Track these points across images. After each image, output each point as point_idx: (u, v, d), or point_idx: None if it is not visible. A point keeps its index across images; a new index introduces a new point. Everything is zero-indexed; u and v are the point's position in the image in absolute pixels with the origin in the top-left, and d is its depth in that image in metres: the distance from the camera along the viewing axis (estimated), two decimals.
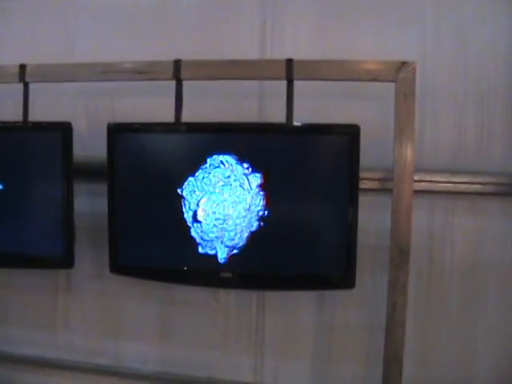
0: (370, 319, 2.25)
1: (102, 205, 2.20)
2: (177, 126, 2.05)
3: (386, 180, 2.10)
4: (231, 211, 1.99)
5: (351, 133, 1.87)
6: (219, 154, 1.98)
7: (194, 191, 2.00)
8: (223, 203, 1.99)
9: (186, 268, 2.09)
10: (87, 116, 2.39)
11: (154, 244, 2.10)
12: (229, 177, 1.98)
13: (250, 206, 1.97)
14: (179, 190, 2.01)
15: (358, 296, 2.17)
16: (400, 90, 1.83)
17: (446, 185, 2.13)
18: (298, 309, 2.32)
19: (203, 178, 1.99)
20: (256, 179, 1.96)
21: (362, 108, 2.13)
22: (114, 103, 2.35)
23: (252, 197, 1.97)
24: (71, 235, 2.15)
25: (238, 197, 1.98)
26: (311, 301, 2.30)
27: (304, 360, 2.34)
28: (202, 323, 2.40)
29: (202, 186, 2.00)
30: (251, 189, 1.96)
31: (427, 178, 2.10)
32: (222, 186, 1.99)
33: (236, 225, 1.99)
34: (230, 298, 2.37)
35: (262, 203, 1.96)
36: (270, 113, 2.23)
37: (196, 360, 2.42)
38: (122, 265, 2.14)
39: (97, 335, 2.51)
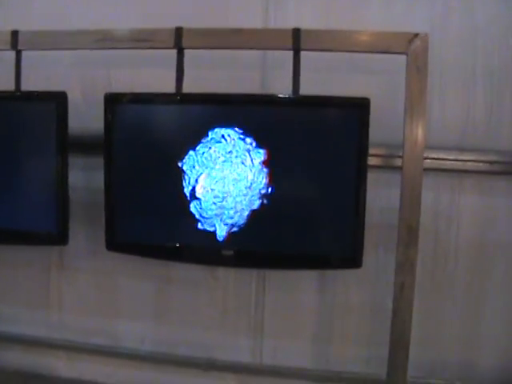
0: (372, 299, 2.22)
1: (97, 179, 2.13)
2: (178, 97, 1.97)
3: (391, 157, 2.07)
4: (231, 189, 1.92)
5: (361, 106, 1.80)
6: (221, 127, 1.90)
7: (194, 166, 1.94)
8: (223, 180, 1.93)
9: (184, 245, 2.02)
10: (83, 87, 2.29)
11: (152, 220, 2.04)
12: (230, 152, 1.91)
13: (251, 184, 1.91)
14: (180, 164, 1.94)
15: (360, 275, 2.12)
16: (412, 62, 1.76)
17: (453, 163, 2.08)
18: (299, 288, 2.27)
19: (203, 152, 1.92)
20: (259, 155, 1.89)
21: (367, 83, 2.05)
22: (110, 74, 2.26)
23: (254, 174, 1.90)
24: (65, 211, 2.08)
25: (239, 174, 1.91)
26: (313, 280, 2.26)
27: (304, 341, 2.30)
28: (200, 302, 2.35)
29: (202, 161, 1.93)
30: (253, 166, 1.90)
31: (434, 156, 2.05)
32: (223, 162, 1.92)
33: (236, 203, 1.93)
34: (230, 276, 2.32)
35: (264, 181, 1.89)
36: (272, 85, 2.15)
37: (194, 340, 2.37)
38: (119, 242, 2.07)
39: (92, 314, 2.44)
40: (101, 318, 2.43)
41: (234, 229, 1.94)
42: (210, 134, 1.91)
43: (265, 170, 1.89)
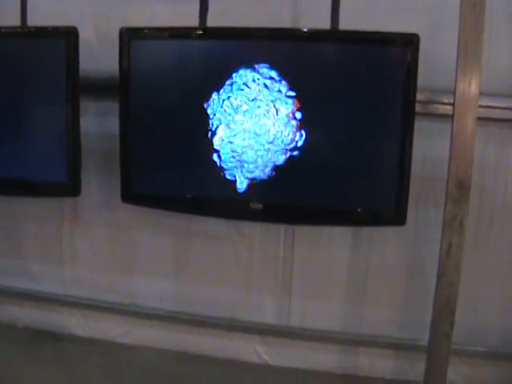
0: (411, 259, 2.08)
1: (112, 125, 2.00)
2: (201, 31, 1.79)
3: (436, 103, 1.89)
4: (252, 142, 1.75)
5: (409, 43, 1.61)
6: (247, 68, 1.72)
7: (215, 113, 1.76)
8: (243, 134, 1.76)
9: (206, 197, 1.88)
10: (96, 25, 2.12)
11: (171, 169, 1.89)
12: (254, 100, 1.73)
13: (274, 139, 1.73)
14: (205, 105, 1.76)
15: (398, 232, 1.97)
16: None
17: (503, 111, 1.90)
18: (331, 245, 2.13)
19: (224, 100, 1.74)
20: (286, 106, 1.70)
21: (412, 20, 1.84)
22: (126, 11, 2.07)
23: (279, 127, 1.73)
24: (77, 159, 1.94)
25: (261, 127, 1.74)
26: (346, 236, 2.12)
27: (335, 302, 2.17)
28: (223, 259, 2.22)
29: (224, 109, 1.75)
30: (279, 118, 1.72)
31: (482, 103, 1.81)
32: (245, 111, 1.74)
33: (257, 157, 1.76)
34: (256, 230, 2.18)
35: (291, 135, 1.72)
36: (304, 22, 1.94)
37: (216, 299, 2.25)
38: (135, 193, 1.92)
39: (107, 270, 2.32)
40: (116, 274, 2.31)
41: (256, 182, 1.78)
42: (234, 76, 1.73)
43: (293, 122, 1.71)
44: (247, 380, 2.19)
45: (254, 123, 1.74)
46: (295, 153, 1.73)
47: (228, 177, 1.80)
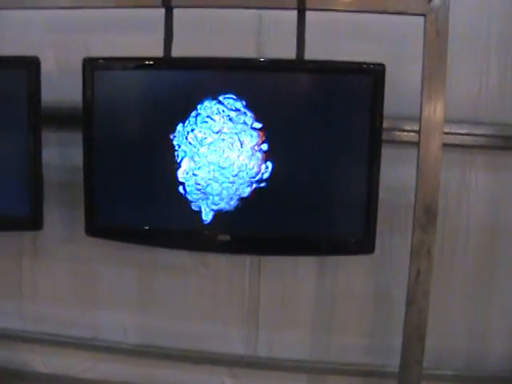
0: (377, 286, 2.09)
1: (74, 156, 1.97)
2: (167, 62, 1.77)
3: (397, 130, 1.94)
4: (217, 175, 1.74)
5: (376, 73, 1.63)
6: (212, 99, 1.70)
7: (180, 145, 1.74)
8: (207, 166, 1.73)
9: (172, 229, 1.84)
10: (57, 55, 2.07)
11: (137, 201, 1.84)
12: (219, 132, 1.71)
13: (238, 172, 1.72)
14: (171, 137, 1.74)
15: (363, 260, 1.97)
16: (431, 25, 1.58)
17: (465, 137, 1.95)
18: (297, 274, 2.12)
19: (189, 132, 1.72)
20: (252, 138, 1.70)
21: (375, 50, 1.86)
22: (88, 39, 2.03)
23: (243, 160, 1.72)
24: (39, 192, 1.87)
25: (226, 160, 1.72)
26: (312, 265, 2.10)
27: (302, 330, 2.16)
28: (188, 290, 2.18)
29: (189, 141, 1.73)
30: (243, 151, 1.71)
31: (444, 130, 1.86)
32: (209, 144, 1.72)
33: (222, 189, 1.74)
34: (221, 262, 2.15)
35: (256, 169, 1.71)
36: (268, 51, 1.95)
37: (182, 331, 2.20)
38: (100, 226, 1.87)
39: (69, 304, 2.25)
40: (79, 308, 2.24)
41: (222, 214, 1.76)
42: (199, 107, 1.71)
43: (258, 154, 1.70)
44: None
45: (218, 156, 1.73)
46: (262, 184, 1.72)
47: (194, 208, 1.77)
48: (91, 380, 2.25)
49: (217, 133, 1.72)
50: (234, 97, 1.69)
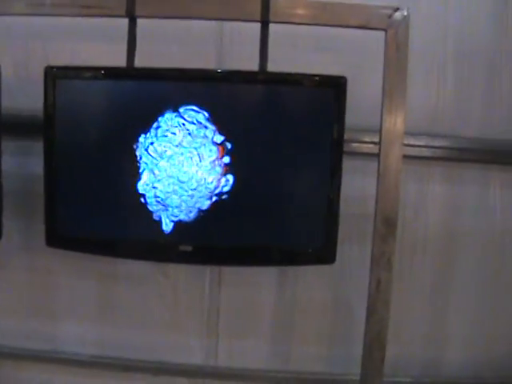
0: (336, 296, 2.11)
1: (32, 165, 1.96)
2: (131, 72, 1.75)
3: (358, 142, 1.97)
4: (176, 188, 1.74)
5: (337, 85, 1.65)
6: (173, 111, 1.70)
7: (141, 157, 1.73)
8: (167, 179, 1.73)
9: (134, 239, 1.82)
10: (14, 63, 2.02)
11: (98, 211, 1.81)
12: (178, 145, 1.71)
13: (197, 186, 1.73)
14: (133, 148, 1.73)
15: (323, 270, 1.97)
16: (392, 39, 1.62)
17: (422, 149, 2.00)
18: (257, 284, 2.12)
19: (149, 144, 1.72)
20: (211, 152, 1.70)
21: (335, 62, 1.90)
22: (47, 48, 2.00)
23: (202, 174, 1.72)
24: None
25: (185, 173, 1.72)
26: (272, 275, 2.12)
27: (262, 340, 2.16)
28: (148, 301, 2.15)
29: (149, 154, 1.73)
30: (203, 164, 1.71)
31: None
32: (169, 156, 1.72)
33: (182, 202, 1.74)
34: (181, 272, 2.13)
35: (215, 182, 1.71)
36: (229, 62, 1.97)
37: (142, 342, 2.17)
38: (61, 236, 1.83)
39: (26, 316, 2.19)
40: (37, 319, 2.19)
41: (182, 225, 1.76)
42: (160, 119, 1.71)
43: (218, 168, 1.71)
44: None
45: (177, 170, 1.73)
46: (223, 197, 1.72)
47: (154, 219, 1.76)
48: None
49: (176, 146, 1.72)
50: (196, 108, 1.69)
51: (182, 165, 1.72)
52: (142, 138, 1.72)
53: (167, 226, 1.76)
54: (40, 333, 2.19)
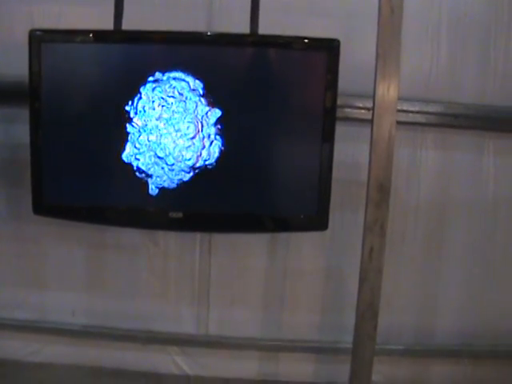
0: (328, 263, 2.10)
1: (18, 133, 1.92)
2: (117, 34, 1.70)
3: (351, 107, 1.94)
4: (156, 160, 1.71)
5: (330, 48, 1.61)
6: (160, 77, 1.65)
7: (126, 127, 1.70)
8: (148, 152, 1.70)
9: (122, 207, 1.79)
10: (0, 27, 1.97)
11: (85, 179, 1.78)
12: (159, 118, 1.68)
13: (176, 161, 1.70)
14: (119, 115, 1.68)
15: (315, 238, 1.98)
16: (386, 2, 1.56)
17: (416, 115, 1.98)
18: (248, 252, 2.11)
19: (133, 116, 1.68)
20: (189, 130, 1.68)
21: (328, 27, 1.85)
22: (33, 11, 1.94)
23: (181, 150, 1.70)
24: None
25: (163, 150, 1.70)
26: (263, 243, 2.10)
27: (254, 308, 2.15)
28: (138, 270, 2.14)
29: (132, 125, 1.69)
30: (182, 141, 1.69)
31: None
32: (150, 129, 1.69)
33: (164, 172, 1.72)
34: (171, 240, 2.11)
35: (194, 158, 1.69)
36: (220, 27, 1.91)
37: (132, 311, 2.16)
38: (49, 204, 1.79)
39: (15, 285, 2.16)
40: (25, 289, 2.17)
41: (169, 191, 1.73)
42: (144, 89, 1.66)
43: (197, 143, 1.68)
44: None
45: (156, 145, 1.70)
46: (212, 161, 1.69)
47: (140, 183, 1.73)
48: (39, 363, 2.18)
49: (158, 119, 1.69)
50: (182, 75, 1.65)
51: (159, 141, 1.70)
52: (128, 107, 1.68)
53: (153, 191, 1.73)
54: (28, 302, 2.17)
